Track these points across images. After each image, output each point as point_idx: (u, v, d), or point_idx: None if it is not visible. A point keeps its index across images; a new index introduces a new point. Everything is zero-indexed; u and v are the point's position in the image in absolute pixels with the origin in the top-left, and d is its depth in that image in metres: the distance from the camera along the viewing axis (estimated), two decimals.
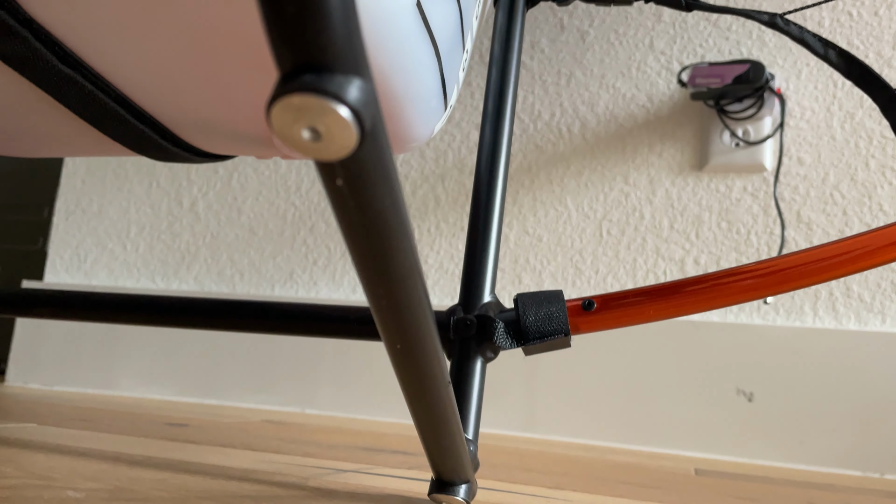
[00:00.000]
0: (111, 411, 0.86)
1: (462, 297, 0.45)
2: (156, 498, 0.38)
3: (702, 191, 1.01)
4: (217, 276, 1.20)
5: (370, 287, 0.25)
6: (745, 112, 0.97)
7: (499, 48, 0.49)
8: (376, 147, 0.20)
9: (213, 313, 0.47)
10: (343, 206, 0.21)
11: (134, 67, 0.40)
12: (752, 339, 0.94)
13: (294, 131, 0.18)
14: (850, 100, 0.97)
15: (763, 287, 0.43)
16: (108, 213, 1.29)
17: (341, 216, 0.21)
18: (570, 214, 1.06)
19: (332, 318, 0.46)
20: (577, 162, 1.07)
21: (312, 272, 1.16)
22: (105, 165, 1.30)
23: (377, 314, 0.27)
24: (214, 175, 1.24)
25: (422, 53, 0.39)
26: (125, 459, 0.50)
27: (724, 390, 0.93)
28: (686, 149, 1.02)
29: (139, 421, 0.76)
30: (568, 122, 1.08)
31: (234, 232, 1.21)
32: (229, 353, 1.13)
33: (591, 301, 0.43)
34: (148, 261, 1.24)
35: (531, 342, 0.42)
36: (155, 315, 0.53)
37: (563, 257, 1.05)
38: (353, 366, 1.07)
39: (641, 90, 1.05)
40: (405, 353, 0.29)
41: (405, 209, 0.23)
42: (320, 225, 1.17)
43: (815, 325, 0.94)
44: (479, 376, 0.43)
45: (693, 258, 0.99)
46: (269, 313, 0.46)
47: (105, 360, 1.19)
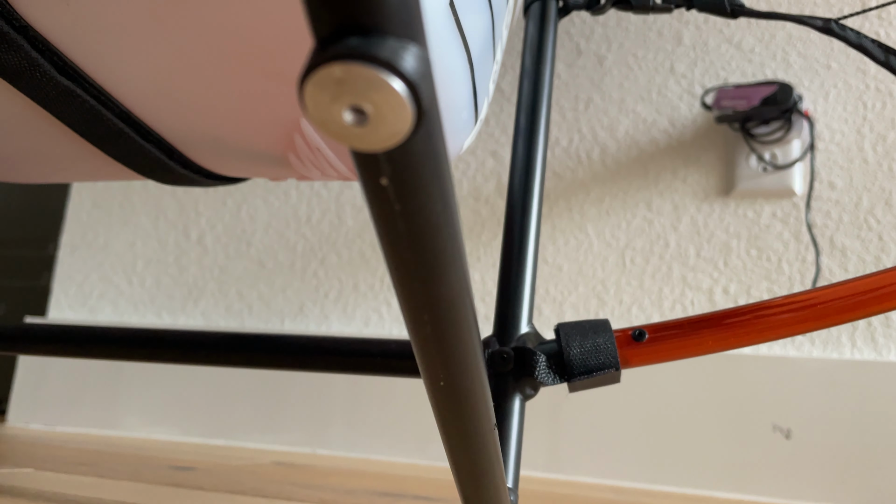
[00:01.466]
0: (114, 454, 0.81)
1: (497, 327, 0.41)
2: None
3: (729, 217, 0.97)
4: (225, 311, 1.16)
5: (413, 312, 0.21)
6: (773, 135, 0.94)
7: (530, 60, 0.46)
8: (432, 135, 0.16)
9: (223, 348, 0.43)
10: (387, 212, 0.17)
11: (139, 79, 0.36)
12: (788, 372, 0.89)
13: (333, 113, 0.14)
14: (882, 121, 0.94)
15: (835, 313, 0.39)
16: (114, 248, 1.25)
17: (383, 225, 0.17)
18: (591, 243, 1.02)
19: (352, 351, 0.42)
20: (597, 188, 1.03)
21: (324, 305, 1.12)
22: (111, 198, 1.28)
23: (419, 345, 0.23)
24: (223, 207, 1.21)
25: (454, 59, 0.35)
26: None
27: (760, 427, 0.88)
28: (711, 174, 0.99)
29: (143, 465, 0.71)
30: (587, 147, 1.05)
31: (243, 265, 1.17)
32: (237, 391, 1.09)
33: (642, 331, 0.39)
34: (154, 296, 1.21)
35: (576, 377, 0.38)
36: (161, 351, 0.49)
37: (584, 287, 1.01)
38: (367, 403, 1.03)
39: (663, 114, 1.02)
40: (449, 391, 0.25)
41: (458, 217, 0.19)
42: (331, 257, 1.13)
43: (853, 357, 0.89)
44: (518, 416, 0.39)
45: (722, 287, 0.95)
46: (284, 347, 0.42)
47: (109, 398, 1.14)
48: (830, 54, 0.97)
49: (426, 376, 0.25)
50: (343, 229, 1.14)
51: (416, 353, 0.24)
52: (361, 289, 1.11)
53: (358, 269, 1.12)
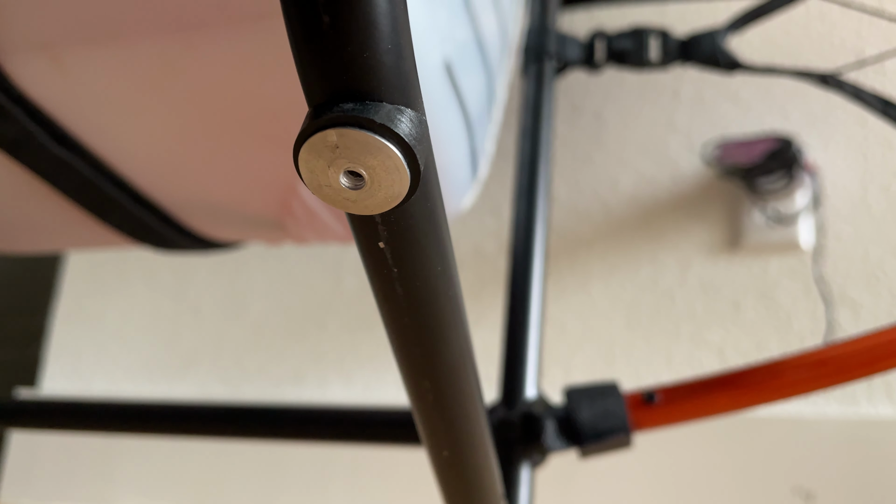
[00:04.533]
0: None
1: (502, 392, 0.39)
2: None
3: (735, 272, 0.95)
4: (221, 379, 1.14)
5: (414, 379, 0.19)
6: (776, 188, 0.93)
7: (529, 119, 0.45)
8: (429, 197, 0.15)
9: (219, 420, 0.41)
10: (384, 275, 0.16)
11: (135, 147, 0.36)
12: (804, 431, 0.86)
13: (329, 178, 0.13)
14: (884, 172, 0.93)
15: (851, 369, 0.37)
16: (109, 317, 1.24)
17: (381, 289, 0.16)
18: (595, 301, 1.00)
19: (351, 421, 0.40)
20: (599, 245, 1.02)
21: (323, 372, 1.09)
22: (106, 266, 1.27)
23: (421, 414, 0.21)
24: (219, 272, 1.20)
25: (451, 120, 0.34)
26: None
27: (780, 490, 0.84)
28: (715, 228, 0.98)
29: None
30: (588, 204, 1.04)
31: (240, 331, 1.15)
32: (235, 463, 1.05)
33: (652, 393, 0.37)
34: (149, 364, 1.19)
35: (586, 443, 0.36)
36: (155, 423, 0.47)
37: (590, 347, 0.99)
38: (370, 473, 0.99)
39: (663, 169, 1.02)
40: (453, 461, 0.23)
41: (458, 280, 0.18)
42: (331, 321, 1.11)
43: (869, 413, 0.86)
44: (527, 486, 0.37)
45: (731, 344, 0.93)
46: (281, 419, 0.40)
47: (103, 472, 1.11)
48: (829, 106, 0.97)
49: (429, 446, 0.23)
50: (342, 292, 1.13)
51: (417, 423, 0.22)
52: (362, 353, 1.09)
53: (358, 332, 1.10)
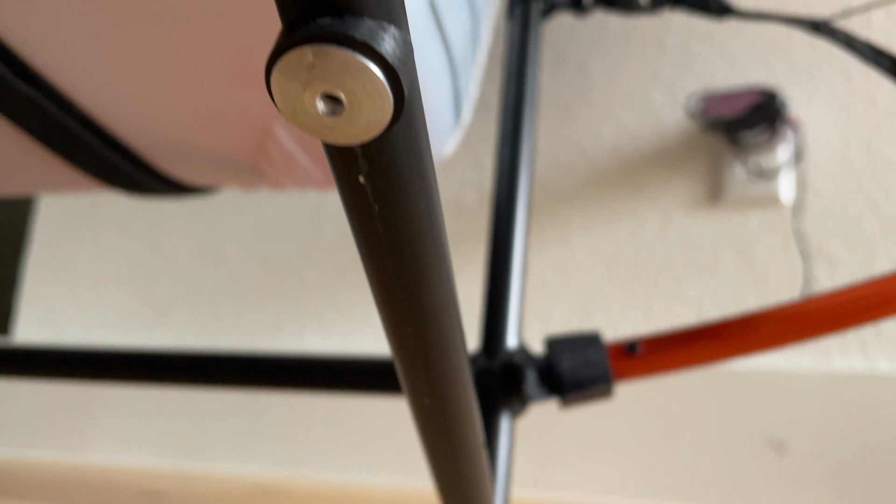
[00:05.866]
0: (81, 480, 0.77)
1: (483, 341, 0.39)
2: None
3: (715, 226, 0.96)
4: (198, 329, 1.13)
5: (395, 324, 0.19)
6: (758, 142, 0.93)
7: (514, 62, 0.44)
8: (413, 128, 0.14)
9: (197, 369, 0.40)
10: (364, 213, 0.15)
11: (102, 84, 0.34)
12: (778, 384, 0.88)
13: (304, 102, 0.12)
14: (866, 128, 0.93)
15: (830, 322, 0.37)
16: (82, 265, 1.22)
17: (361, 228, 0.15)
18: (575, 254, 1.00)
19: (330, 370, 0.40)
20: (581, 198, 1.02)
21: (301, 322, 1.09)
22: (79, 213, 1.24)
23: (402, 361, 0.20)
24: (195, 221, 1.18)
25: (435, 59, 0.33)
26: None
27: (752, 442, 0.86)
28: (696, 182, 0.98)
29: (111, 491, 0.68)
30: (570, 157, 1.03)
31: (217, 281, 1.14)
32: (212, 413, 1.05)
33: (634, 343, 0.37)
34: (125, 314, 1.17)
35: (567, 392, 0.36)
36: (131, 372, 0.46)
37: (569, 300, 0.99)
38: (348, 423, 1.00)
39: (646, 122, 1.01)
40: (435, 409, 0.22)
41: (443, 221, 0.17)
42: (309, 271, 1.10)
43: (843, 368, 0.88)
44: (507, 435, 0.37)
45: (710, 298, 0.94)
46: (259, 367, 0.40)
47: (78, 422, 1.10)
48: (814, 60, 0.96)
49: (410, 394, 0.22)
50: (321, 242, 1.12)
51: (398, 370, 0.21)
52: (340, 304, 1.08)
53: (337, 283, 1.09)
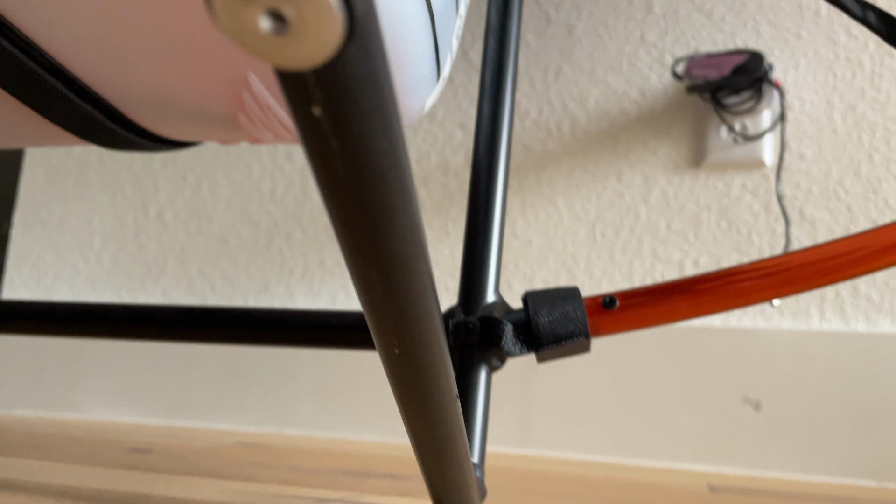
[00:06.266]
0: (69, 437, 0.78)
1: (462, 296, 0.39)
2: None
3: (699, 189, 0.96)
4: (187, 289, 1.13)
5: (361, 271, 0.19)
6: (743, 105, 0.93)
7: (496, 16, 0.43)
8: (370, 52, 0.13)
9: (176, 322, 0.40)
10: (322, 150, 0.15)
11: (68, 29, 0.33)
12: (757, 343, 0.89)
13: (247, 18, 0.11)
14: (851, 91, 0.93)
15: (807, 278, 0.38)
16: (69, 225, 1.21)
17: (320, 166, 0.15)
18: (561, 216, 1.00)
19: (308, 324, 0.40)
20: (567, 161, 1.01)
21: (289, 283, 1.09)
22: (66, 173, 1.23)
23: (370, 309, 0.21)
24: (183, 182, 1.17)
25: (413, 7, 0.33)
26: (72, 495, 0.43)
27: (730, 399, 0.88)
28: (682, 145, 0.98)
29: (98, 447, 0.68)
30: (557, 119, 1.03)
31: (205, 242, 1.14)
32: (201, 371, 1.06)
33: (612, 298, 0.37)
34: (112, 274, 1.17)
35: (544, 347, 0.36)
36: (120, 326, 0.46)
37: (554, 261, 1.00)
38: (335, 381, 1.01)
39: (633, 85, 1.01)
40: (405, 359, 0.23)
41: (408, 158, 0.17)
42: (296, 233, 1.10)
43: (822, 328, 0.89)
44: (483, 388, 0.37)
45: (692, 260, 0.94)
46: (240, 321, 0.40)
47: (67, 380, 1.11)
48: (801, 23, 0.96)
49: (379, 344, 0.23)
50: (308, 204, 1.11)
51: (367, 319, 0.22)
52: (328, 265, 1.08)
53: (324, 244, 1.09)
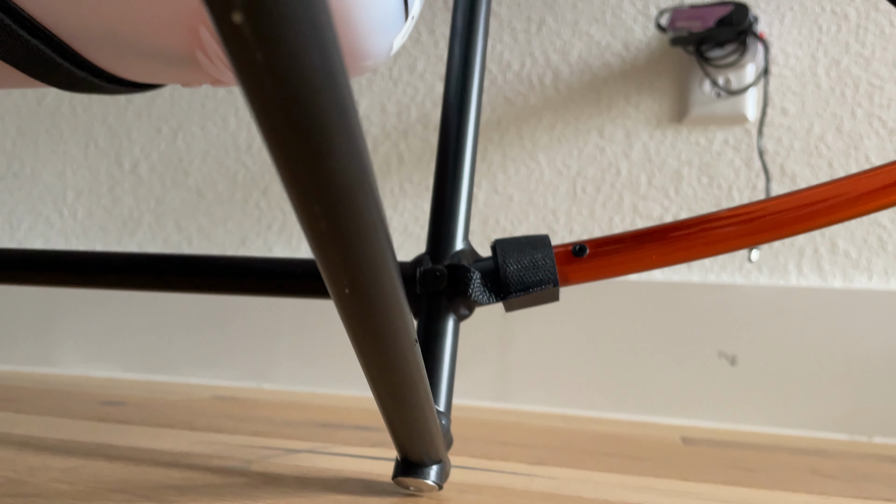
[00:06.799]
0: (41, 390, 0.77)
1: (430, 244, 0.38)
2: (52, 492, 0.31)
3: (681, 144, 0.95)
4: (163, 244, 1.11)
5: (301, 203, 0.18)
6: (727, 59, 0.91)
7: None
8: None
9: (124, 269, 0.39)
10: (248, 66, 0.14)
11: None
12: (734, 299, 0.89)
13: None
14: (836, 46, 0.92)
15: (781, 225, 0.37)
16: (42, 177, 1.18)
17: (247, 84, 0.14)
18: (542, 171, 0.99)
19: (273, 272, 0.39)
20: (549, 115, 1.00)
21: (266, 237, 1.08)
22: (37, 125, 1.20)
23: (315, 245, 0.20)
24: (157, 134, 1.14)
25: None
26: (34, 445, 0.42)
27: (706, 354, 0.88)
28: (664, 99, 0.96)
29: (70, 400, 0.68)
30: (539, 72, 1.01)
31: (181, 195, 1.12)
32: (179, 325, 1.05)
33: (582, 246, 0.36)
34: (87, 228, 1.15)
35: (513, 295, 0.36)
36: (89, 274, 0.45)
37: (535, 217, 0.99)
38: (314, 335, 1.00)
39: (617, 37, 0.99)
40: (356, 299, 0.22)
41: (346, 74, 0.16)
42: (274, 186, 1.08)
43: (799, 284, 0.89)
44: (451, 337, 0.37)
45: (672, 215, 0.94)
46: (197, 268, 0.39)
47: (42, 334, 1.10)
48: None
49: (330, 284, 0.22)
50: None
51: (315, 257, 0.21)
52: None
53: None
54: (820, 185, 0.39)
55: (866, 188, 0.39)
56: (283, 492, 0.34)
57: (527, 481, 0.40)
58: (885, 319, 0.85)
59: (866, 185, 0.39)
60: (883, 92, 0.90)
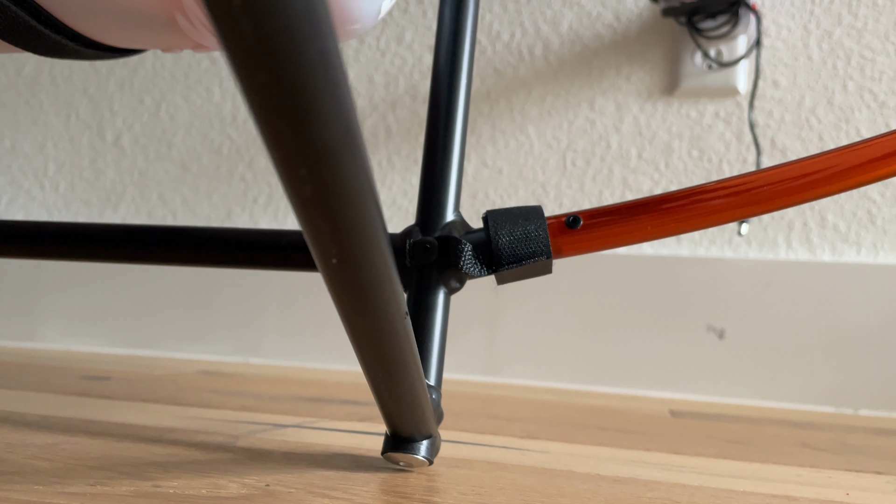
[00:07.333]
0: (23, 364, 0.76)
1: (420, 216, 0.37)
2: (32, 469, 0.30)
3: (672, 117, 0.94)
4: (147, 217, 1.10)
5: (286, 167, 0.17)
6: (719, 30, 0.90)
7: None
8: None
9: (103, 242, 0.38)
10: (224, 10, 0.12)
11: None
12: (723, 273, 0.89)
13: None
14: (828, 17, 0.91)
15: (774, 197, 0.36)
16: (22, 150, 1.16)
17: (225, 36, 0.13)
18: (532, 144, 0.98)
19: (259, 244, 0.38)
20: (539, 87, 0.99)
21: (252, 211, 1.06)
22: (17, 96, 1.17)
23: (301, 213, 0.19)
24: (140, 105, 1.12)
25: None
26: (15, 420, 0.41)
27: (695, 327, 0.88)
28: (655, 71, 0.95)
29: (53, 375, 0.67)
30: (529, 43, 1.00)
31: (165, 168, 1.10)
32: (164, 299, 1.04)
33: (576, 217, 0.36)
34: (69, 201, 1.13)
35: (505, 267, 0.35)
36: (69, 246, 0.44)
37: (524, 190, 0.98)
38: (302, 309, 0.99)
39: (608, 7, 0.97)
40: (345, 269, 0.21)
41: (335, 35, 0.14)
42: (259, 159, 1.07)
43: (788, 258, 0.89)
44: (441, 310, 0.36)
45: (662, 188, 0.93)
46: (182, 240, 0.38)
47: (25, 309, 1.08)
48: None
49: (317, 254, 0.21)
50: None
51: (301, 226, 0.20)
52: None
53: None
54: (811, 156, 0.39)
55: (857, 161, 0.39)
56: (269, 467, 0.33)
57: (518, 455, 0.40)
58: (873, 293, 0.85)
59: (857, 158, 0.39)
60: (875, 64, 0.89)
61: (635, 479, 0.36)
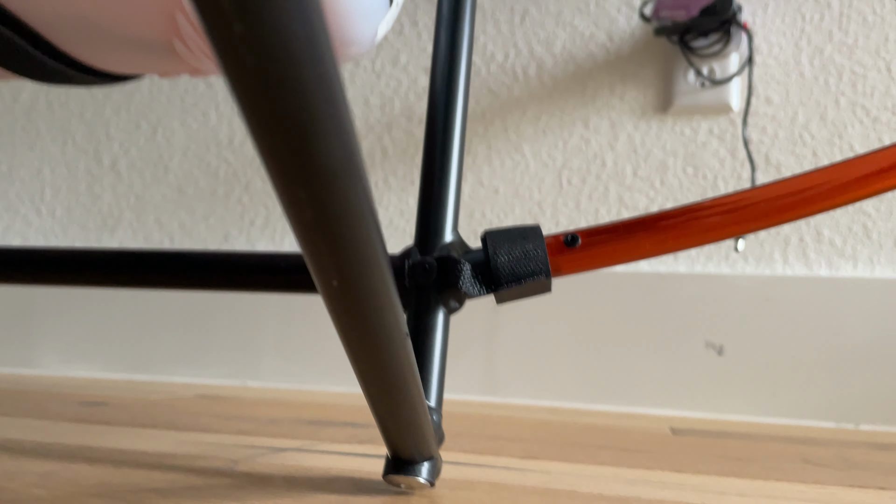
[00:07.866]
0: (19, 391, 0.76)
1: (418, 236, 0.37)
2: (31, 497, 0.29)
3: (666, 134, 0.95)
4: (144, 241, 1.10)
5: (286, 189, 0.17)
6: (712, 48, 0.91)
7: None
8: None
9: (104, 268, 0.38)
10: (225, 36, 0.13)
11: None
12: (721, 289, 0.89)
13: None
14: (819, 34, 0.92)
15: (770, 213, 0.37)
16: (18, 175, 1.16)
17: (226, 59, 0.13)
18: (527, 164, 0.98)
19: (257, 267, 0.38)
20: (534, 107, 0.99)
21: (249, 233, 1.06)
22: (13, 122, 1.18)
23: (300, 235, 0.19)
24: (136, 130, 1.12)
25: None
26: (12, 448, 0.41)
27: (693, 344, 0.88)
28: (649, 90, 0.96)
29: (49, 401, 0.66)
30: (523, 63, 1.00)
31: (161, 192, 1.10)
32: (162, 323, 1.03)
33: (574, 235, 0.36)
34: (66, 226, 1.13)
35: (504, 286, 0.35)
36: (67, 272, 0.44)
37: (521, 209, 0.98)
38: (301, 330, 0.99)
39: (601, 27, 0.98)
40: (345, 291, 0.21)
41: (334, 51, 0.15)
42: (256, 182, 1.07)
43: (785, 273, 0.90)
44: (441, 331, 0.36)
45: (658, 206, 0.94)
46: (179, 264, 0.38)
47: (20, 334, 1.07)
48: None
49: (317, 277, 0.21)
50: None
51: (301, 248, 0.20)
52: None
53: None
54: (806, 172, 0.39)
55: (852, 176, 0.39)
56: (270, 492, 0.33)
57: (520, 476, 0.39)
58: (870, 307, 0.85)
59: (852, 173, 0.39)
60: (866, 80, 0.90)
61: (638, 497, 0.35)
